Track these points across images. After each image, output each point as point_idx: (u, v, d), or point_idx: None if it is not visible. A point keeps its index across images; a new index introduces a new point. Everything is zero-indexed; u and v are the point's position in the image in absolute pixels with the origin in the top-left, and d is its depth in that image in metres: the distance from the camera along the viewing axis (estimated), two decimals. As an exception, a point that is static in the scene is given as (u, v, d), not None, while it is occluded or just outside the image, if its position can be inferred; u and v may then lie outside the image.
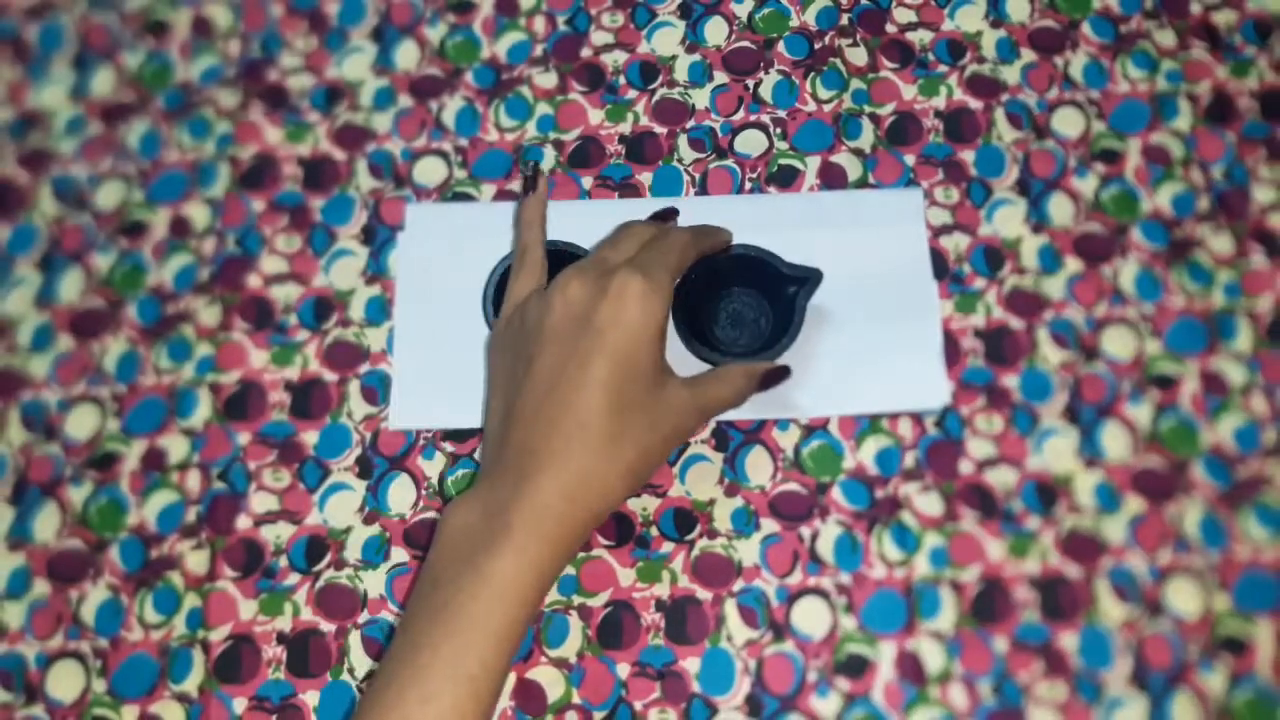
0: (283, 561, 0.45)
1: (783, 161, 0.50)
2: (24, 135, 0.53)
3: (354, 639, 0.43)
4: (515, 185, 0.50)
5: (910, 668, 0.42)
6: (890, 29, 0.52)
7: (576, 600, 0.43)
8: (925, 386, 0.45)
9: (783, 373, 0.42)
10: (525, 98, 0.52)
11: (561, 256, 0.46)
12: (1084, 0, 0.51)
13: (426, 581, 0.37)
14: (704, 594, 0.43)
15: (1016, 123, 0.50)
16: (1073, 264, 0.47)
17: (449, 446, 0.46)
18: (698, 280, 0.45)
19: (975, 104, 0.50)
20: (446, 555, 0.36)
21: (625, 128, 0.51)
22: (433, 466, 0.46)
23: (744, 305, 0.46)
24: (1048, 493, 0.44)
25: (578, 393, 0.37)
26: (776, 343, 0.44)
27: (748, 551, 0.44)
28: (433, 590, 0.36)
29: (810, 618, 0.43)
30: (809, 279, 0.44)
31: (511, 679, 0.42)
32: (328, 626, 0.44)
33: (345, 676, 0.43)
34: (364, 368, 0.47)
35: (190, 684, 0.43)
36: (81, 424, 0.47)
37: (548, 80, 0.52)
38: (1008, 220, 0.48)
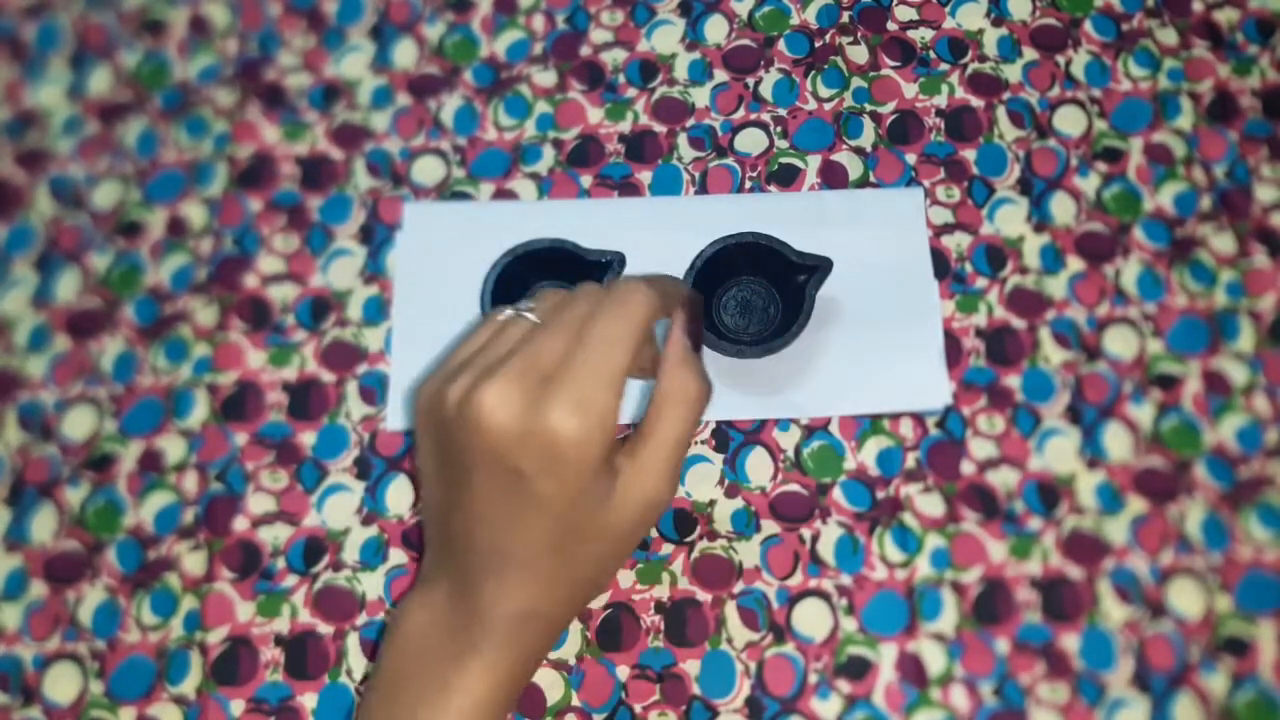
0: (280, 563, 0.44)
1: (783, 160, 0.49)
2: (21, 134, 0.52)
3: (352, 641, 0.43)
4: (513, 184, 0.50)
5: (911, 669, 0.42)
6: (891, 27, 0.51)
7: (576, 602, 0.43)
8: (926, 387, 0.45)
9: (696, 299, 0.37)
10: (524, 96, 0.51)
11: (557, 255, 0.45)
12: (1085, -2, 0.51)
13: (384, 686, 0.35)
14: (704, 595, 0.43)
15: (1018, 121, 0.49)
16: (1074, 263, 0.47)
17: (448, 447, 0.46)
18: (707, 268, 0.44)
19: (977, 102, 0.50)
20: (408, 661, 0.34)
21: (625, 126, 0.50)
22: (431, 467, 0.46)
23: (753, 293, 0.46)
24: (1049, 493, 0.44)
25: (512, 536, 0.34)
26: (786, 331, 0.43)
27: (748, 553, 0.44)
28: (393, 698, 0.34)
29: (811, 619, 0.43)
30: (819, 267, 0.44)
31: (511, 681, 0.42)
32: (326, 628, 0.43)
33: (343, 678, 0.43)
34: (362, 368, 0.47)
35: (188, 686, 0.43)
36: (78, 424, 0.47)
37: (547, 79, 0.52)
38: (1009, 219, 0.48)
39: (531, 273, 0.46)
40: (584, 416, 0.32)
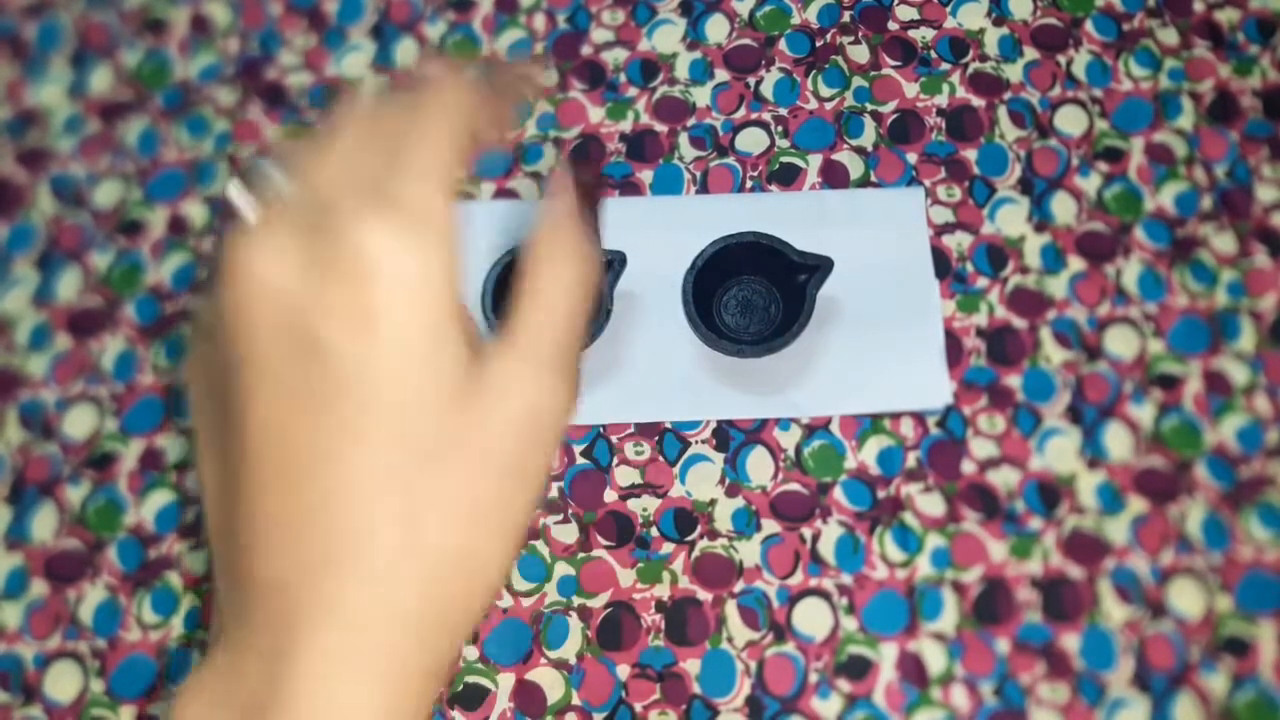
0: (281, 562, 0.44)
1: (784, 160, 0.49)
2: (22, 133, 0.52)
3: (353, 640, 0.43)
4: (513, 184, 0.50)
5: (912, 669, 0.42)
6: (892, 26, 0.51)
7: (576, 601, 0.43)
8: (927, 386, 0.45)
9: (587, 170, 0.27)
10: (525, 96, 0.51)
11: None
12: (1087, -2, 0.51)
13: None
14: (704, 595, 0.43)
15: (1019, 121, 0.49)
16: (1075, 263, 0.47)
17: (448, 446, 0.46)
18: (707, 267, 0.44)
19: (978, 102, 0.50)
20: None
21: (626, 126, 0.50)
22: (432, 466, 0.45)
23: (754, 293, 0.46)
24: (1050, 493, 0.44)
25: (331, 484, 0.21)
26: (787, 330, 0.43)
27: (748, 552, 0.44)
28: None
29: (811, 619, 0.43)
30: (820, 267, 0.43)
31: (511, 680, 0.42)
32: (327, 627, 0.43)
33: (344, 677, 0.43)
34: (363, 367, 0.47)
35: (189, 685, 0.43)
36: (79, 423, 0.47)
37: (548, 78, 0.52)
38: (1010, 219, 0.48)
39: (532, 272, 0.46)
40: (407, 228, 0.21)
